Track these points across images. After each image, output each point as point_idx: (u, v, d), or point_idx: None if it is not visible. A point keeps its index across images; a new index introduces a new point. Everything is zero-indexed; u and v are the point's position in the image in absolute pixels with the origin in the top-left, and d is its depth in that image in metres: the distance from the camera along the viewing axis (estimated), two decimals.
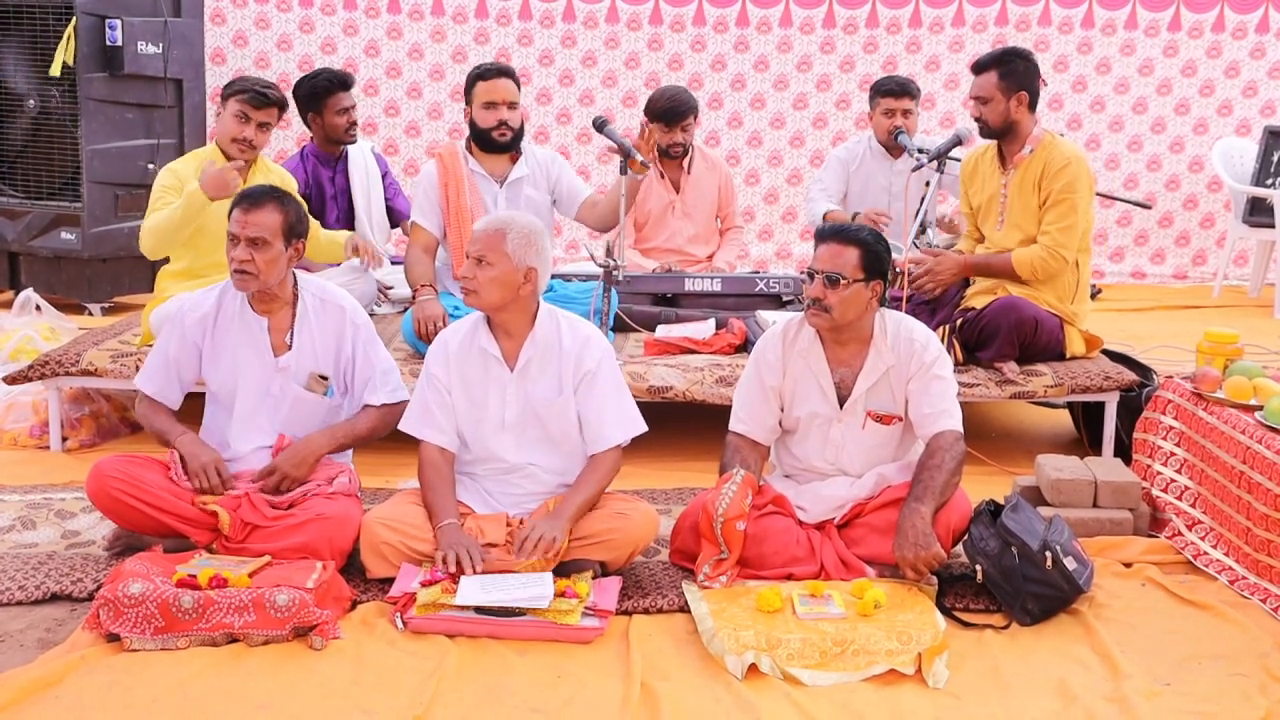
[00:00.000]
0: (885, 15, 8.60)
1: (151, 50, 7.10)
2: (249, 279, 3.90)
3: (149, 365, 4.11)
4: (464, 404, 3.91)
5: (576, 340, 3.92)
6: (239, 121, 5.09)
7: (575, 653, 3.37)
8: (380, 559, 3.70)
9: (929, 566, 3.65)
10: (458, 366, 3.91)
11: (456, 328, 4.00)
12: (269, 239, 3.88)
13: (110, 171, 7.08)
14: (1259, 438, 3.95)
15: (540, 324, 3.90)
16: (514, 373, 3.88)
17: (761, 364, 4.06)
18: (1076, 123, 8.73)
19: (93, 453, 5.06)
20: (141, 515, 3.78)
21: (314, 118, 6.23)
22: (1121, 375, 5.05)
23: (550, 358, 3.90)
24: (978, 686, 3.24)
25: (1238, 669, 3.34)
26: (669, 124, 6.27)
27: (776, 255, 8.85)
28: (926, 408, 3.91)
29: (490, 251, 3.78)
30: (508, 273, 3.79)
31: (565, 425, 3.90)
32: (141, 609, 3.30)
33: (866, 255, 3.85)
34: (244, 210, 3.91)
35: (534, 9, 8.51)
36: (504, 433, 3.90)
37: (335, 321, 4.07)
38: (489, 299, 3.81)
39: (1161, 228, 8.89)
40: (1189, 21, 8.62)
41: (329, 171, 6.33)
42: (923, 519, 3.69)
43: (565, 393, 3.89)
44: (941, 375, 3.94)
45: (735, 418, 4.10)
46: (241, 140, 5.09)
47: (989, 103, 5.10)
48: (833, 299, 3.85)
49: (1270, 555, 3.79)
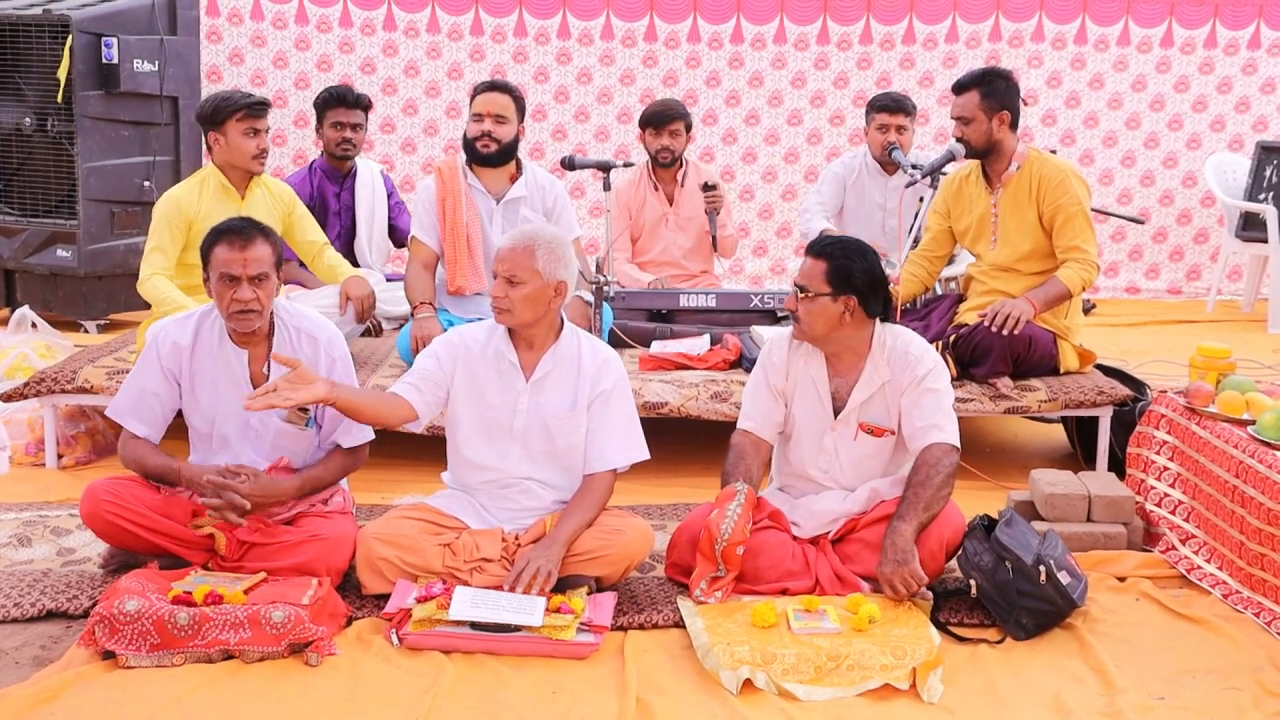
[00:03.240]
0: (879, 31, 8.64)
1: (148, 68, 7.12)
2: (253, 317, 3.80)
3: (126, 401, 3.94)
4: (467, 403, 3.88)
5: (596, 359, 3.92)
6: (251, 137, 5.12)
7: (571, 668, 3.37)
8: (376, 575, 3.70)
9: (907, 586, 3.65)
10: (468, 365, 3.87)
11: (475, 332, 3.95)
12: (269, 273, 3.80)
13: (106, 189, 7.09)
14: (1252, 452, 3.96)
15: (564, 339, 3.90)
16: (529, 383, 3.87)
17: (767, 364, 4.08)
18: (1070, 138, 8.76)
19: (88, 470, 5.06)
20: (135, 537, 3.77)
21: (318, 129, 6.38)
22: (1115, 390, 5.06)
23: (568, 373, 3.89)
24: (972, 701, 3.24)
25: (1231, 683, 3.35)
26: (657, 127, 6.33)
27: (771, 271, 8.86)
28: (918, 421, 3.91)
29: (520, 270, 3.76)
30: (540, 289, 3.77)
31: (573, 441, 3.89)
32: (137, 626, 3.30)
33: (833, 269, 3.86)
34: (239, 248, 3.75)
35: (529, 26, 8.53)
36: (511, 441, 3.89)
37: (310, 352, 3.93)
38: (522, 317, 3.79)
39: (1155, 243, 8.92)
40: (1181, 38, 8.66)
41: (335, 188, 6.37)
42: (904, 537, 3.70)
43: (578, 409, 3.88)
44: (934, 388, 3.94)
45: (744, 415, 4.11)
46: (260, 153, 5.15)
47: (971, 123, 5.11)
48: (801, 310, 3.89)
49: (1263, 569, 3.80)
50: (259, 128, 5.13)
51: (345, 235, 6.34)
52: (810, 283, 3.87)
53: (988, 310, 4.99)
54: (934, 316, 5.34)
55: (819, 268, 3.88)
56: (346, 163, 6.37)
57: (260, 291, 3.78)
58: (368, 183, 6.43)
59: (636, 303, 5.88)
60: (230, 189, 5.19)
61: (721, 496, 3.83)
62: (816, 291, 3.87)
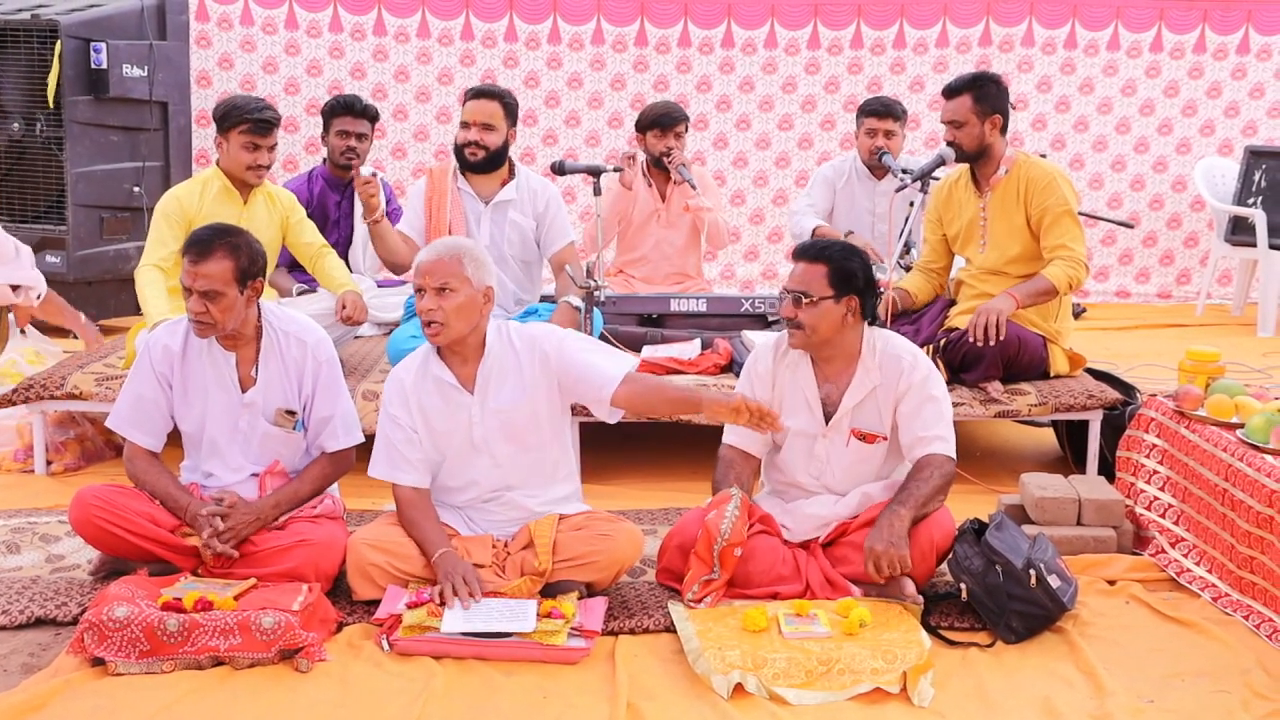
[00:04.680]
0: (870, 36, 8.65)
1: (137, 73, 7.11)
2: (207, 328, 3.81)
3: (125, 410, 3.95)
4: (430, 437, 3.86)
5: (525, 339, 3.89)
6: (249, 151, 5.10)
7: (561, 673, 3.37)
8: (367, 581, 3.69)
9: (892, 568, 3.64)
10: (417, 400, 3.85)
11: (407, 363, 3.93)
12: (220, 289, 3.75)
13: (95, 194, 7.07)
14: (1241, 455, 3.97)
15: (490, 343, 3.86)
16: (474, 394, 3.84)
17: (753, 375, 4.08)
18: (1060, 143, 8.77)
19: (78, 476, 5.05)
20: (125, 543, 3.76)
21: (324, 136, 6.39)
22: (1105, 394, 5.07)
23: (509, 366, 3.86)
24: (963, 705, 3.24)
25: (1221, 686, 3.35)
26: (663, 129, 6.33)
27: (762, 275, 8.87)
28: (920, 430, 3.90)
29: (452, 277, 3.72)
30: (471, 297, 3.75)
31: (542, 437, 3.88)
32: (126, 633, 3.29)
33: (834, 271, 3.86)
34: (192, 262, 3.75)
35: (520, 31, 8.53)
36: (476, 454, 3.87)
37: (298, 355, 3.94)
38: (457, 330, 3.75)
39: (1145, 247, 8.93)
40: (1170, 43, 8.68)
41: (336, 196, 6.37)
42: (901, 520, 3.71)
43: (529, 390, 3.84)
44: (935, 396, 3.93)
45: (728, 429, 4.10)
46: (256, 168, 5.14)
47: (964, 126, 5.12)
48: (804, 317, 3.87)
49: (1253, 572, 3.81)
50: (260, 143, 5.10)
51: (343, 243, 6.33)
52: (811, 288, 3.86)
53: (969, 323, 4.99)
54: (924, 321, 5.34)
55: (818, 271, 3.87)
56: (349, 172, 6.35)
57: (212, 305, 3.76)
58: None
59: (627, 307, 5.88)
60: (233, 192, 5.18)
61: (716, 500, 3.83)
62: (820, 295, 3.86)
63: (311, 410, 3.96)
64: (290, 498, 3.91)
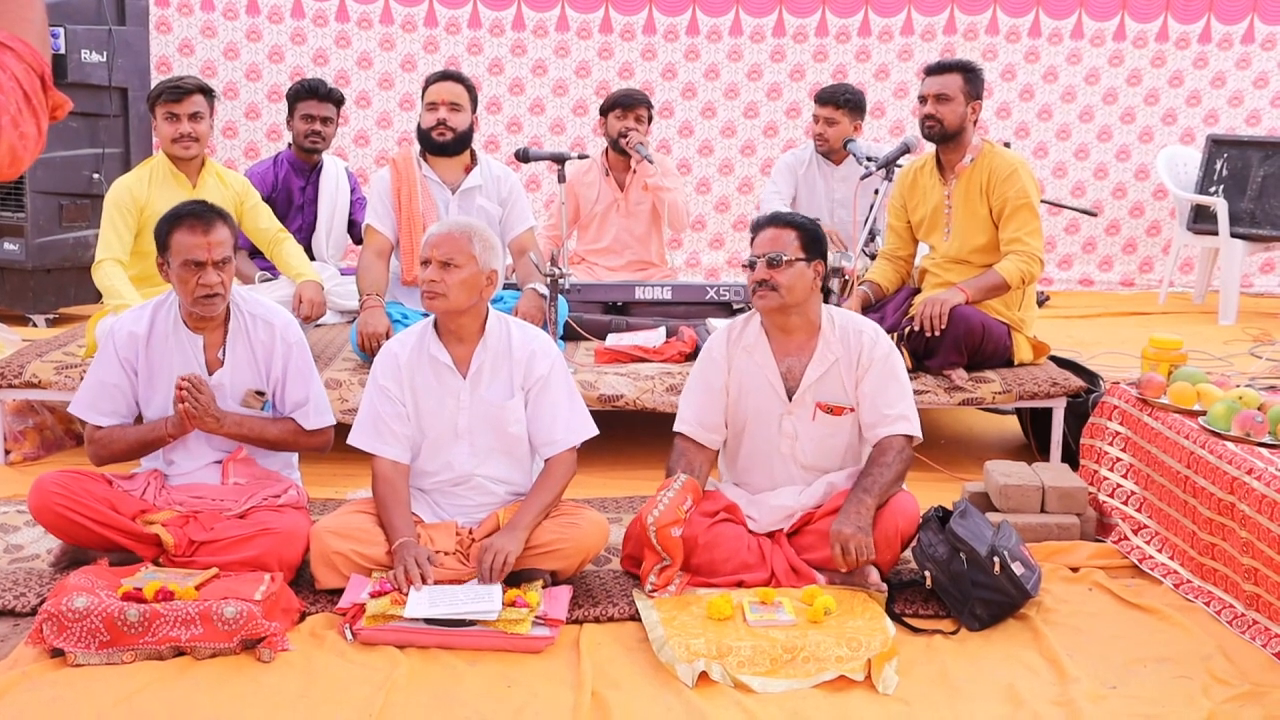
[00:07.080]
0: (835, 24, 8.65)
1: (96, 59, 7.02)
2: (218, 301, 3.83)
3: (87, 395, 3.95)
4: (416, 416, 3.88)
5: (526, 346, 3.91)
6: (171, 122, 5.09)
7: (526, 662, 3.36)
8: (330, 569, 3.68)
9: (859, 553, 3.65)
10: (409, 376, 3.88)
11: (403, 338, 3.96)
12: (231, 255, 3.84)
13: (54, 181, 6.98)
14: (1202, 443, 3.99)
15: (490, 329, 3.89)
16: (467, 379, 3.86)
17: (707, 361, 4.08)
18: (1024, 131, 8.80)
19: (37, 466, 5.00)
20: (85, 531, 3.73)
21: (289, 120, 6.36)
22: (1069, 381, 5.10)
23: (502, 362, 3.89)
24: (927, 692, 3.25)
25: (1182, 671, 3.38)
26: (624, 109, 6.30)
27: (728, 264, 8.86)
28: (884, 408, 3.93)
29: (458, 254, 3.76)
30: (474, 275, 3.78)
31: (517, 430, 3.89)
32: (86, 623, 3.26)
33: (804, 235, 3.95)
34: (201, 233, 3.77)
35: (484, 17, 8.48)
36: (457, 440, 3.88)
37: (265, 338, 3.96)
38: (456, 302, 3.78)
39: (1109, 235, 8.98)
40: (1133, 31, 8.72)
41: (300, 181, 6.34)
42: (868, 508, 3.73)
43: (516, 395, 3.88)
44: (897, 375, 3.98)
45: (680, 419, 4.10)
46: (180, 137, 5.09)
47: (951, 101, 5.12)
48: (780, 278, 3.90)
49: (1214, 559, 3.84)
50: (176, 112, 5.08)
51: (306, 229, 6.31)
52: (787, 250, 3.91)
53: (917, 313, 5.01)
54: (889, 308, 5.35)
55: (789, 235, 3.94)
56: (314, 156, 6.34)
57: (224, 275, 3.81)
58: (332, 178, 6.42)
59: (592, 295, 5.87)
60: (180, 176, 5.14)
61: (659, 488, 3.83)
62: (794, 257, 3.90)
63: (284, 394, 3.98)
64: (255, 430, 3.95)
